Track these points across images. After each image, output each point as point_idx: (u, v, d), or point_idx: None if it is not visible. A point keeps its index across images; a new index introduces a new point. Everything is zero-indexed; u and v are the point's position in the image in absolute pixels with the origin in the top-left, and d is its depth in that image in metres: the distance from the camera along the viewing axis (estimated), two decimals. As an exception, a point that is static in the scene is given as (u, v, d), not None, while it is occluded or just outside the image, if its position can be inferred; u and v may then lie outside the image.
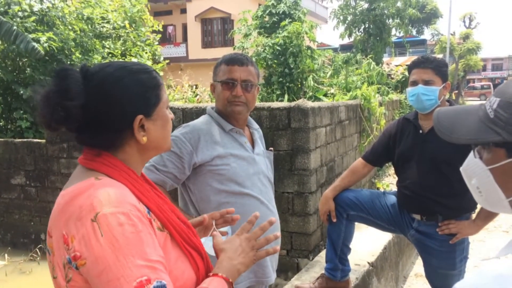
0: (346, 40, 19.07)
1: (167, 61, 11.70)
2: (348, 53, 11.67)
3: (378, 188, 7.01)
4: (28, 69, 7.95)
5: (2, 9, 8.18)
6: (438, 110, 1.00)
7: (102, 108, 1.06)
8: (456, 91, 34.81)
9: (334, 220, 2.79)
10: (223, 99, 1.97)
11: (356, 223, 2.93)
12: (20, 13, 8.15)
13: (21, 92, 7.64)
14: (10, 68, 8.24)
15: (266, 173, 2.12)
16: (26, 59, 8.10)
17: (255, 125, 2.18)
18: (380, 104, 7.66)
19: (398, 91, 12.08)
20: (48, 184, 6.53)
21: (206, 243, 1.42)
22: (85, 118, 1.05)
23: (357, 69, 9.77)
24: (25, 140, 6.82)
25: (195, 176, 1.95)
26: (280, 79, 10.15)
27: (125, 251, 0.94)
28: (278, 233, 1.22)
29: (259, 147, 2.13)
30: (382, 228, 2.87)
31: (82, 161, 1.11)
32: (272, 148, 2.27)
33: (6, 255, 6.49)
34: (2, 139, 7.09)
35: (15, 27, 7.51)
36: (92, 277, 0.95)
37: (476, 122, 0.90)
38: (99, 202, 0.97)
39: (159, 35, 12.29)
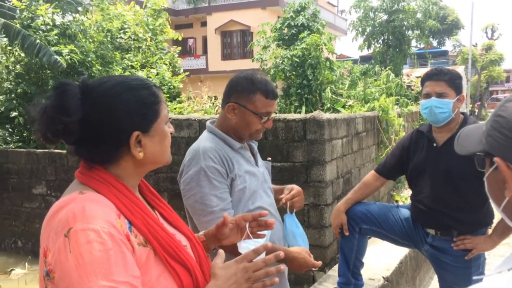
0: (366, 52, 19.00)
1: (187, 73, 11.85)
2: (367, 65, 11.60)
3: (396, 201, 6.91)
4: (50, 81, 8.15)
5: (25, 22, 8.43)
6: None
7: (98, 124, 1.07)
8: (479, 103, 34.22)
9: (347, 233, 2.75)
10: (252, 128, 1.94)
11: (372, 237, 2.88)
12: (43, 27, 8.38)
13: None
14: (33, 80, 8.46)
15: (269, 183, 2.12)
16: (49, 72, 8.31)
17: None
18: (399, 116, 7.58)
19: (417, 102, 11.94)
20: (68, 194, 6.65)
21: (242, 246, 1.41)
22: (82, 132, 1.06)
23: (375, 80, 9.71)
24: (46, 150, 6.96)
25: None
26: (298, 90, 10.15)
27: (89, 269, 0.93)
28: (282, 267, 1.14)
29: (260, 160, 2.13)
30: (396, 242, 2.82)
31: (77, 174, 1.13)
32: (270, 158, 2.25)
33: (26, 264, 6.61)
34: (24, 150, 7.26)
35: (38, 41, 7.74)
36: None
37: (479, 135, 0.95)
38: (73, 217, 0.97)
39: (179, 48, 12.47)
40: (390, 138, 6.98)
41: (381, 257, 3.76)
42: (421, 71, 20.49)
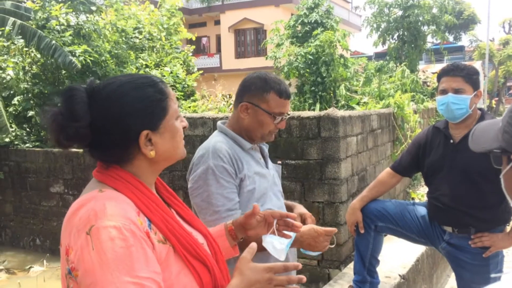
0: (380, 48, 18.84)
1: (201, 71, 11.88)
2: (382, 61, 11.50)
3: (413, 199, 6.84)
4: (66, 81, 8.25)
5: (40, 23, 8.55)
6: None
7: (107, 126, 1.08)
8: (497, 98, 33.66)
9: (362, 231, 2.74)
10: (265, 129, 1.93)
11: (387, 235, 2.87)
12: (57, 27, 8.49)
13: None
14: (49, 81, 8.57)
15: (279, 187, 2.10)
16: (64, 72, 8.41)
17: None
18: (415, 112, 7.50)
19: (434, 99, 11.80)
20: (84, 192, 6.73)
21: (267, 240, 1.43)
22: (93, 136, 1.08)
23: (390, 77, 9.63)
24: (63, 150, 7.06)
25: None
26: (313, 88, 10.12)
27: (112, 266, 0.94)
28: (300, 265, 1.17)
29: (270, 163, 2.10)
30: (412, 240, 2.80)
31: (94, 173, 1.14)
32: (280, 162, 2.23)
33: (44, 261, 6.72)
34: (42, 149, 7.37)
35: (53, 42, 7.84)
36: None
37: (494, 131, 0.93)
38: (94, 215, 0.99)
39: (193, 46, 12.51)
40: (405, 135, 6.91)
41: (397, 254, 3.73)
42: (437, 67, 20.25)
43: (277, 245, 1.43)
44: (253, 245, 1.18)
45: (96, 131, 1.08)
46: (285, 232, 1.45)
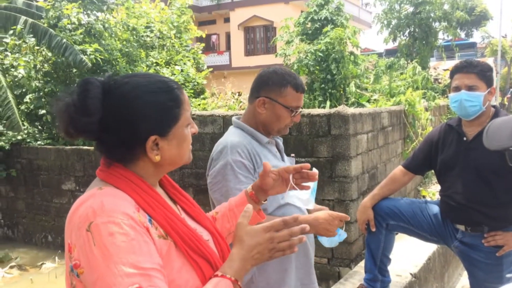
0: (391, 45, 18.72)
1: (211, 69, 11.90)
2: (392, 58, 11.42)
3: (424, 197, 6.81)
4: (77, 79, 8.31)
5: (52, 22, 8.61)
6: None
7: (116, 126, 1.09)
8: (509, 96, 33.28)
9: (373, 229, 2.73)
10: (282, 123, 1.96)
11: (399, 233, 2.85)
12: (69, 26, 8.55)
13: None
14: (61, 79, 8.64)
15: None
16: (75, 70, 8.48)
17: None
18: (426, 110, 7.46)
19: (445, 96, 11.70)
20: (95, 189, 6.78)
21: (289, 195, 1.44)
22: (101, 132, 1.09)
23: (401, 74, 9.57)
24: (74, 147, 7.11)
25: None
26: (322, 85, 10.07)
27: (116, 259, 0.95)
28: (305, 238, 1.12)
29: (284, 156, 2.13)
30: (424, 238, 2.78)
31: (97, 172, 1.15)
32: (293, 155, 2.25)
33: (56, 258, 6.78)
34: (53, 147, 7.43)
35: (64, 40, 7.89)
36: (89, 285, 0.97)
37: (510, 129, 0.91)
38: (92, 212, 1.00)
39: (203, 44, 12.53)
40: (416, 133, 6.87)
41: (409, 253, 3.71)
42: (449, 64, 20.07)
43: (302, 196, 1.46)
44: (249, 207, 1.16)
45: (105, 128, 1.08)
46: (304, 184, 1.47)
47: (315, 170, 1.47)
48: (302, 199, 1.44)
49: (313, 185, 1.51)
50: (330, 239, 2.00)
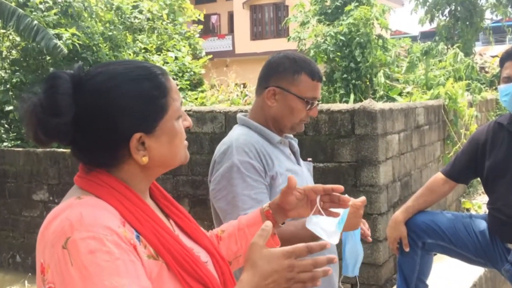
0: (428, 27, 18.63)
1: (210, 56, 11.95)
2: (429, 42, 11.39)
3: (467, 210, 6.78)
4: (51, 68, 8.37)
5: (21, 0, 8.68)
6: None
7: (92, 124, 1.09)
8: None
9: (407, 249, 2.72)
10: (296, 117, 1.97)
11: (437, 254, 2.85)
12: (41, 6, 8.61)
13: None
14: (31, 68, 8.70)
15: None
16: (48, 58, 8.53)
17: (291, 135, 2.19)
18: (470, 105, 7.44)
19: (494, 88, 11.64)
20: (72, 200, 6.81)
21: (312, 221, 1.42)
22: (76, 133, 1.09)
23: (440, 61, 9.54)
24: (48, 150, 7.13)
25: None
26: (344, 75, 10.06)
27: (97, 282, 0.95)
28: (331, 271, 1.10)
29: (300, 159, 2.14)
30: (468, 260, 2.78)
31: (75, 178, 1.15)
32: (311, 159, 2.25)
33: (26, 282, 6.81)
34: (23, 149, 7.48)
35: (35, 22, 7.94)
36: None
37: None
38: (69, 225, 1.00)
39: (201, 26, 12.57)
40: (459, 133, 6.84)
41: (450, 278, 3.69)
42: (498, 49, 19.95)
43: (326, 226, 1.42)
44: (267, 224, 1.14)
45: (80, 129, 1.09)
46: (332, 209, 1.44)
47: (347, 197, 1.45)
48: (326, 229, 1.41)
49: (342, 213, 1.49)
50: (356, 264, 1.98)
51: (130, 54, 9.42)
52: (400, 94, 8.43)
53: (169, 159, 1.18)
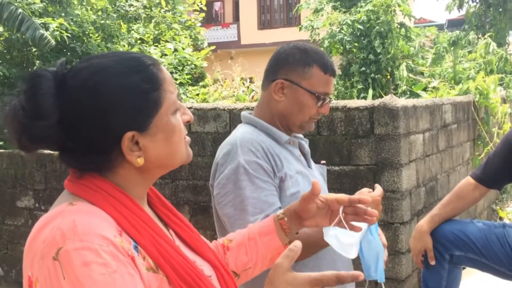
0: (456, 14, 18.57)
1: (213, 47, 11.96)
2: (458, 32, 11.35)
3: (500, 218, 6.75)
4: (37, 61, 8.41)
5: (5, -14, 8.74)
6: None
7: (80, 125, 1.09)
8: None
9: (432, 262, 2.71)
10: (305, 114, 1.98)
11: (463, 268, 2.84)
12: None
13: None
14: (16, 61, 8.74)
15: (326, 192, 2.13)
16: (34, 50, 8.57)
17: (300, 134, 2.19)
18: (504, 101, 7.41)
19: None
20: (61, 207, 6.83)
21: (329, 233, 1.42)
22: (63, 137, 1.09)
23: (470, 53, 9.51)
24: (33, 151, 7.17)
25: None
26: (363, 68, 10.06)
27: None
28: (362, 276, 1.10)
29: (311, 162, 2.14)
30: (501, 275, 2.76)
31: (66, 183, 1.16)
32: (324, 162, 2.25)
33: (9, 297, 6.85)
34: (6, 151, 7.51)
35: (20, 11, 7.98)
36: None
37: None
38: (61, 235, 0.99)
39: (203, 14, 12.59)
40: (491, 132, 6.82)
41: (480, 295, 3.67)
42: (534, 39, 19.86)
43: (345, 239, 1.42)
44: (296, 244, 1.13)
45: (67, 132, 1.09)
46: (354, 223, 1.43)
47: (374, 211, 1.44)
48: (344, 243, 1.41)
49: (365, 228, 1.48)
50: (378, 263, 1.98)
51: (124, 46, 9.46)
52: (425, 89, 8.41)
53: (168, 159, 1.18)
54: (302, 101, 1.95)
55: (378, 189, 1.81)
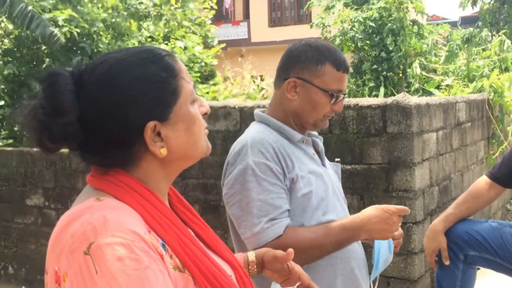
0: (469, 11, 18.48)
1: (223, 45, 11.97)
2: (471, 29, 11.29)
3: (515, 218, 6.71)
4: (47, 59, 8.43)
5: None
6: None
7: (101, 120, 1.10)
8: None
9: (446, 262, 2.70)
10: (319, 112, 1.98)
11: (478, 268, 2.82)
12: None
13: (37, 88, 8.13)
14: (25, 59, 8.76)
15: (341, 191, 2.16)
16: (44, 47, 8.59)
17: (314, 132, 2.20)
18: (518, 99, 7.35)
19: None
20: (71, 206, 6.85)
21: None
22: (85, 133, 1.10)
23: (484, 50, 9.45)
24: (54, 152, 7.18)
25: None
26: (375, 66, 10.04)
27: None
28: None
29: (326, 160, 2.14)
30: (517, 275, 2.73)
31: (89, 178, 1.16)
32: (339, 159, 2.25)
33: (19, 295, 6.89)
34: (15, 149, 7.55)
35: (30, 8, 8.01)
36: None
37: None
38: (92, 229, 0.99)
39: (213, 12, 12.59)
40: (505, 131, 6.79)
41: (495, 296, 3.65)
42: (549, 36, 19.68)
43: None
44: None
45: (88, 128, 1.09)
46: None
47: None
48: None
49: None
50: (386, 259, 2.01)
51: (134, 44, 9.46)
52: (438, 87, 8.38)
53: (190, 149, 1.19)
54: (315, 99, 1.95)
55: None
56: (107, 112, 1.10)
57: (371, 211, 1.90)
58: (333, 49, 2.00)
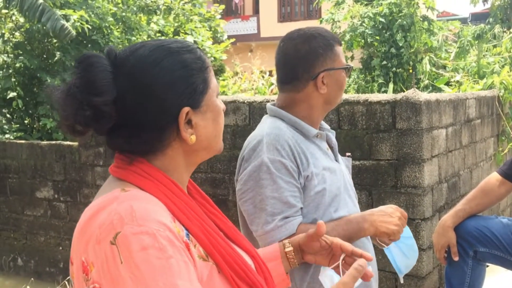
0: (480, 7, 18.36)
1: (233, 39, 11.94)
2: (482, 25, 11.22)
3: (524, 216, 6.67)
4: (58, 53, 8.44)
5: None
6: None
7: (137, 102, 1.11)
8: None
9: (456, 258, 2.70)
10: (343, 89, 2.08)
11: (487, 264, 2.81)
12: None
13: (49, 82, 8.14)
14: (36, 52, 8.78)
15: (352, 186, 2.16)
16: (55, 41, 8.60)
17: (327, 126, 2.21)
18: (529, 96, 7.32)
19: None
20: (80, 198, 6.89)
21: (326, 273, 1.49)
22: (118, 116, 1.11)
23: (495, 47, 9.40)
24: (53, 142, 7.22)
25: None
26: (384, 62, 9.99)
27: (150, 283, 0.96)
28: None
29: (338, 155, 2.15)
30: (526, 273, 2.72)
31: (112, 169, 1.18)
32: (350, 154, 2.26)
33: (28, 287, 6.92)
34: (26, 141, 7.58)
35: (41, 1, 8.02)
36: None
37: None
38: (119, 219, 1.01)
39: (222, 6, 12.59)
40: (515, 128, 6.74)
41: (504, 293, 3.64)
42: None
43: None
44: (361, 263, 1.29)
45: (123, 110, 1.11)
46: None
47: (371, 272, 1.46)
48: (328, 281, 1.47)
49: (358, 283, 1.54)
50: (406, 264, 2.03)
51: (144, 38, 9.47)
52: (448, 84, 8.34)
53: (214, 141, 1.22)
54: (340, 80, 2.03)
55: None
56: (145, 96, 1.12)
57: (374, 209, 1.99)
58: (324, 30, 2.12)
